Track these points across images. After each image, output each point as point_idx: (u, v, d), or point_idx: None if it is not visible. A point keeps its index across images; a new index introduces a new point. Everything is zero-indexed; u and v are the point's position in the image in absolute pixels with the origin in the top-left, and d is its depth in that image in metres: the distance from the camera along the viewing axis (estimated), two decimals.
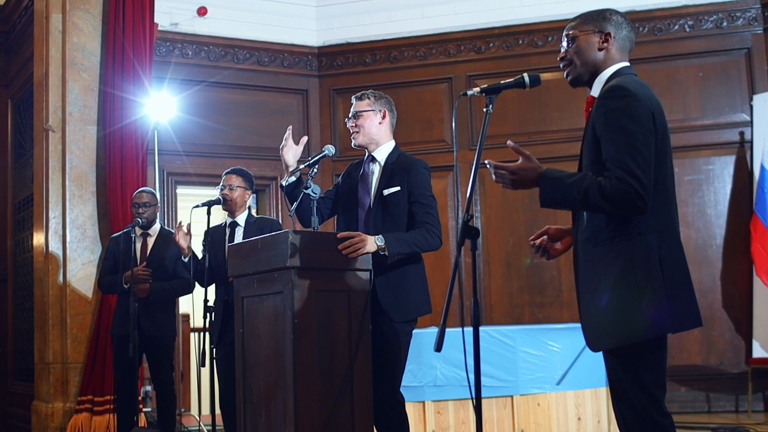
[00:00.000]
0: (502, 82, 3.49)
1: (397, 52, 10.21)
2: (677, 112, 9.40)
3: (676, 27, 9.53)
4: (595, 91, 3.40)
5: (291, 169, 4.66)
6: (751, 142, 9.15)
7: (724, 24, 9.38)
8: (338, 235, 4.24)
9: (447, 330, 3.22)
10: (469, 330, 3.26)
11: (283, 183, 4.69)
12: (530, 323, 9.00)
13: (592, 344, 3.27)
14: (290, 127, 4.82)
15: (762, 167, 8.65)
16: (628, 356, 3.17)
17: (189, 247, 6.18)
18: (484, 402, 6.98)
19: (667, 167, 3.28)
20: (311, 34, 10.37)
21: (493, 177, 3.32)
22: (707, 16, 9.44)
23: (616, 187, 3.06)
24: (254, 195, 10.18)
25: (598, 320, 3.21)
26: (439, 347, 3.11)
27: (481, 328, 7.36)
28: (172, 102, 8.83)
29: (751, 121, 9.17)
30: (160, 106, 8.59)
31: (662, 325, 3.15)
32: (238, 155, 9.56)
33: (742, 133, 9.24)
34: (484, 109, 3.45)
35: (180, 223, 6.23)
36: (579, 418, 7.15)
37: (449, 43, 10.07)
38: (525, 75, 3.48)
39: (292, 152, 4.70)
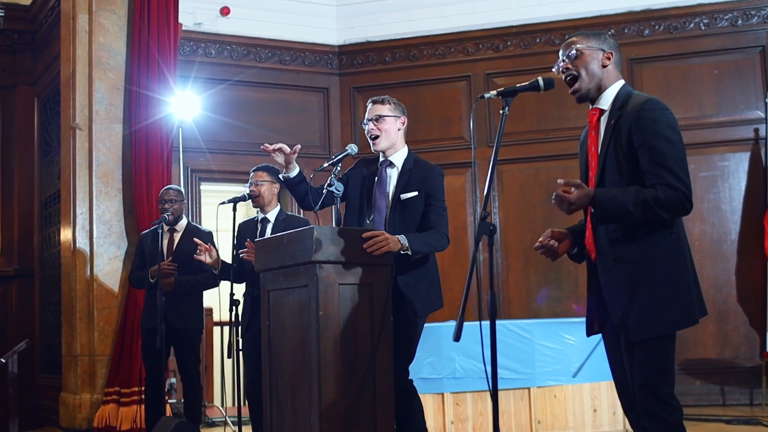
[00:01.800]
0: (518, 85, 3.67)
1: (416, 51, 10.35)
2: (693, 109, 9.52)
3: (692, 25, 9.62)
4: (604, 104, 3.64)
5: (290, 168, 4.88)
6: (766, 138, 9.23)
7: (739, 22, 9.47)
8: (363, 235, 4.40)
9: (466, 323, 3.39)
10: (486, 323, 3.42)
11: (281, 176, 4.98)
12: (548, 317, 9.12)
13: (636, 332, 3.46)
14: (298, 146, 4.95)
15: None
16: (658, 345, 3.44)
17: (217, 261, 6.24)
18: (501, 394, 7.15)
19: None
20: (332, 33, 10.53)
21: (553, 200, 3.48)
22: (722, 14, 9.53)
23: (670, 195, 3.34)
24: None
25: (644, 311, 3.43)
26: (457, 337, 3.28)
27: (499, 322, 7.55)
28: (196, 100, 9.02)
29: (766, 118, 9.25)
30: (185, 105, 8.77)
31: (692, 317, 3.47)
32: (260, 152, 9.68)
33: (756, 130, 9.34)
34: (501, 111, 3.62)
35: (199, 249, 6.23)
36: (595, 410, 7.28)
37: (467, 41, 10.19)
38: (540, 78, 3.65)
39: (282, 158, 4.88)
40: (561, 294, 9.61)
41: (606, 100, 3.64)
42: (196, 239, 6.39)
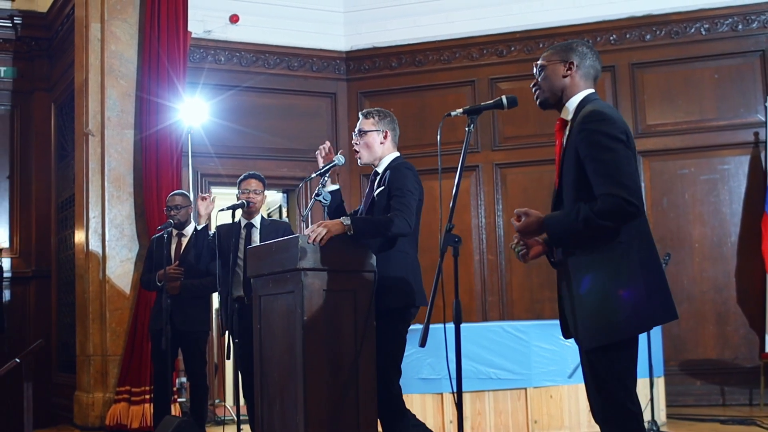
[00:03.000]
0: (482, 103, 3.85)
1: (422, 56, 10.50)
2: (693, 113, 9.67)
3: (693, 30, 9.73)
4: (566, 114, 3.74)
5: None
6: (765, 142, 9.34)
7: (740, 27, 9.58)
8: (304, 232, 4.59)
9: (468, 325, 3.55)
10: (488, 324, 3.57)
11: (317, 196, 5.10)
12: (550, 318, 9.23)
13: (584, 342, 3.58)
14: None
15: None
16: (611, 351, 3.50)
17: (207, 217, 6.68)
18: (498, 394, 7.32)
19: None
20: (339, 39, 10.69)
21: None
22: (723, 19, 9.64)
23: (608, 203, 3.40)
24: (285, 195, 10.58)
25: (589, 320, 3.53)
26: (423, 343, 3.44)
27: (495, 324, 7.72)
28: (205, 107, 9.19)
29: (766, 122, 9.36)
30: (194, 111, 8.95)
31: (643, 323, 3.53)
32: (268, 157, 9.95)
33: (756, 134, 9.44)
34: (466, 129, 3.80)
35: (207, 194, 6.62)
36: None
37: (472, 47, 10.34)
38: (503, 97, 3.83)
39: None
40: None
41: (568, 111, 3.72)
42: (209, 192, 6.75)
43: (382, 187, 4.83)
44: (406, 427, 4.79)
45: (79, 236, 9.03)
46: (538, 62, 3.81)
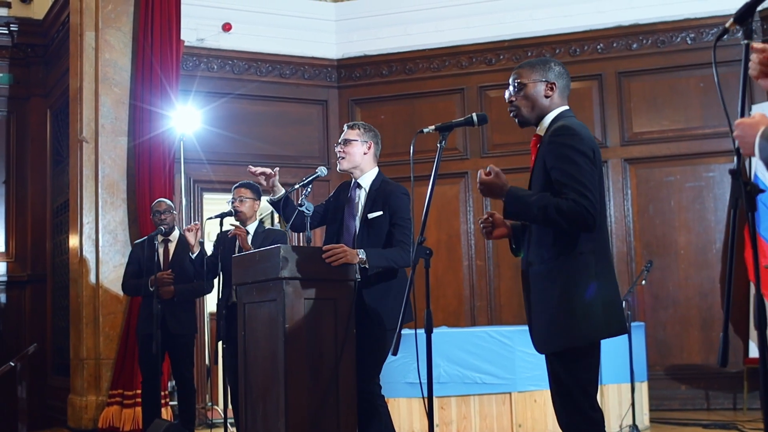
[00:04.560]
0: (453, 120, 3.99)
1: (413, 65, 10.61)
2: (679, 121, 9.79)
3: (678, 39, 9.86)
4: (541, 130, 3.86)
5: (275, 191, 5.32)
6: None
7: (725, 37, 9.63)
8: (323, 247, 4.75)
9: (454, 330, 3.69)
10: (472, 330, 3.69)
11: (268, 200, 5.40)
12: None
13: (541, 347, 3.74)
14: (277, 168, 5.39)
15: (755, 175, 8.95)
16: (569, 359, 3.62)
17: (198, 245, 6.78)
18: (483, 398, 7.45)
19: (601, 196, 3.72)
20: (331, 48, 10.79)
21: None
22: (708, 29, 9.73)
23: (572, 207, 3.53)
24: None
25: (546, 327, 3.67)
26: (395, 351, 3.58)
27: (481, 329, 7.84)
28: (197, 114, 9.30)
29: None
30: (186, 119, 9.06)
31: (598, 332, 3.65)
32: (259, 164, 9.86)
33: None
34: (438, 144, 3.93)
35: (195, 223, 6.78)
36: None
37: (461, 55, 10.45)
38: (474, 114, 3.96)
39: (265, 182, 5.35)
40: None
41: (543, 128, 3.84)
42: (195, 222, 6.86)
43: (380, 213, 5.01)
44: (388, 424, 4.97)
45: (73, 241, 9.12)
46: (517, 80, 3.89)
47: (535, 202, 3.60)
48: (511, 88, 3.92)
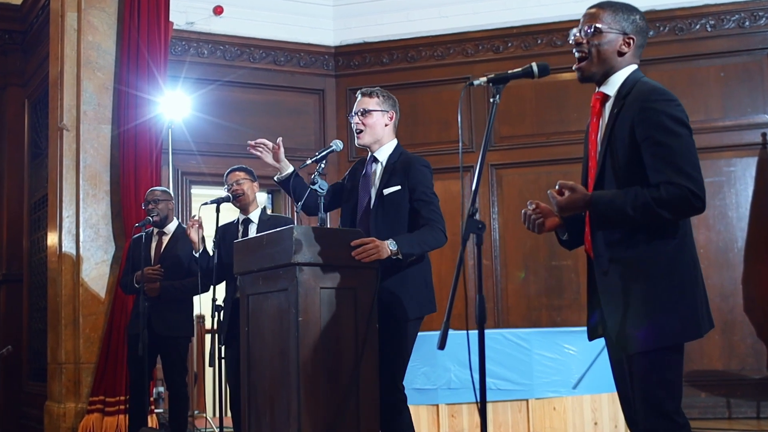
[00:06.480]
0: (509, 71, 3.45)
1: (415, 52, 10.24)
2: (699, 112, 9.31)
3: (698, 26, 9.49)
4: (609, 89, 3.37)
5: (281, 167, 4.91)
6: None
7: (746, 23, 9.30)
8: (352, 242, 4.17)
9: (460, 332, 3.16)
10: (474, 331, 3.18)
11: (275, 178, 4.93)
12: (548, 326, 8.95)
13: (630, 346, 3.21)
14: (280, 139, 4.95)
15: None
16: (660, 358, 3.15)
17: (201, 242, 6.19)
18: (498, 406, 6.97)
19: None
20: (328, 34, 10.44)
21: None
22: (729, 15, 9.38)
23: (673, 193, 3.06)
24: (270, 195, 10.24)
25: (638, 322, 3.17)
26: (442, 345, 3.02)
27: (496, 331, 7.32)
28: (187, 101, 8.91)
29: None
30: (175, 105, 8.64)
31: (699, 328, 3.19)
32: (253, 155, 9.54)
33: (764, 135, 9.17)
34: (491, 100, 3.41)
35: (194, 216, 6.24)
36: (596, 423, 7.09)
37: (467, 42, 10.08)
38: (534, 64, 3.42)
39: (269, 157, 4.94)
40: (561, 302, 9.42)
41: (612, 86, 3.36)
42: (195, 215, 6.31)
43: (398, 188, 4.50)
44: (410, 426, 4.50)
45: (51, 237, 8.66)
46: (595, 22, 3.39)
47: (628, 202, 3.11)
48: (582, 28, 3.41)
